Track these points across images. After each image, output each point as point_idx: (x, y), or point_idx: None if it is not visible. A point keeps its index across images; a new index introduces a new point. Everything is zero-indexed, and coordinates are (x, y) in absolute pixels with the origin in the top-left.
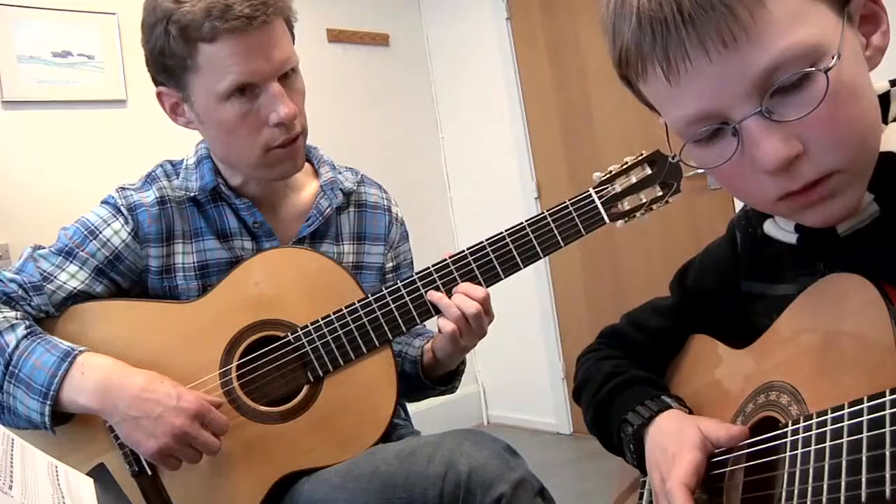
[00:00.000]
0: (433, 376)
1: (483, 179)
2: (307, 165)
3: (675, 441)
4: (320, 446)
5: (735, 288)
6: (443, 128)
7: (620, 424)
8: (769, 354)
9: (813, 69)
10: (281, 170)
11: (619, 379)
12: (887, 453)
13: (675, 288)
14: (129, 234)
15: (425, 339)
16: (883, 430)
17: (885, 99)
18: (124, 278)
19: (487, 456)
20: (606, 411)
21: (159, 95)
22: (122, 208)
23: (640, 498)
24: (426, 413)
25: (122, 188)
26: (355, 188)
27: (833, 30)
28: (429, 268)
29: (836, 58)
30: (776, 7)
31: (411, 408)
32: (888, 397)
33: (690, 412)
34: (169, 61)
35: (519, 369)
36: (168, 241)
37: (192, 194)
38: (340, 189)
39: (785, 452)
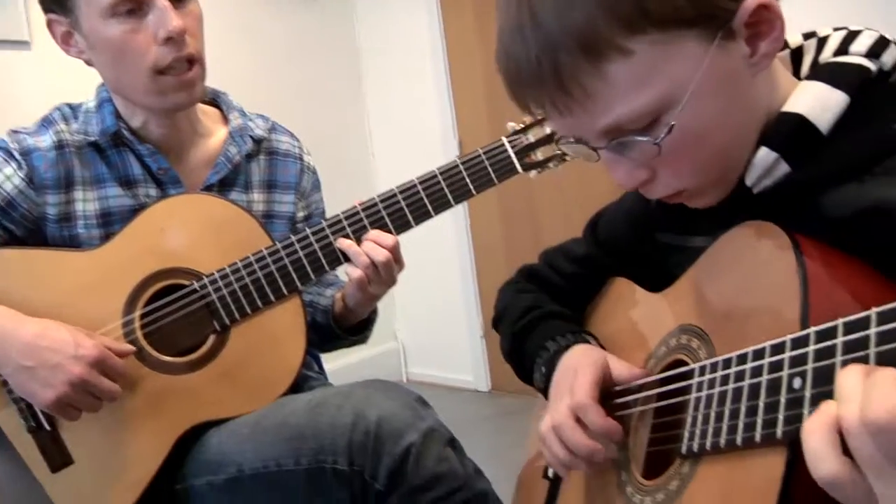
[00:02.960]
0: (345, 326)
1: (405, 135)
2: (215, 112)
3: (582, 361)
4: (228, 397)
5: (650, 239)
6: (365, 82)
7: (538, 350)
8: (683, 298)
9: (649, 139)
10: (173, 99)
11: (541, 311)
12: (782, 397)
13: (588, 238)
14: (23, 179)
15: (337, 288)
16: (780, 374)
17: (798, 54)
18: (18, 226)
19: (397, 406)
20: (525, 339)
21: (49, 24)
22: (15, 153)
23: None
24: (344, 370)
25: (15, 131)
26: (266, 135)
27: (693, 67)
28: (338, 215)
29: (681, 107)
30: (619, 73)
31: (329, 365)
32: (788, 340)
33: None
34: None
35: (438, 327)
36: (67, 188)
37: (93, 139)
38: (250, 136)
39: (691, 394)
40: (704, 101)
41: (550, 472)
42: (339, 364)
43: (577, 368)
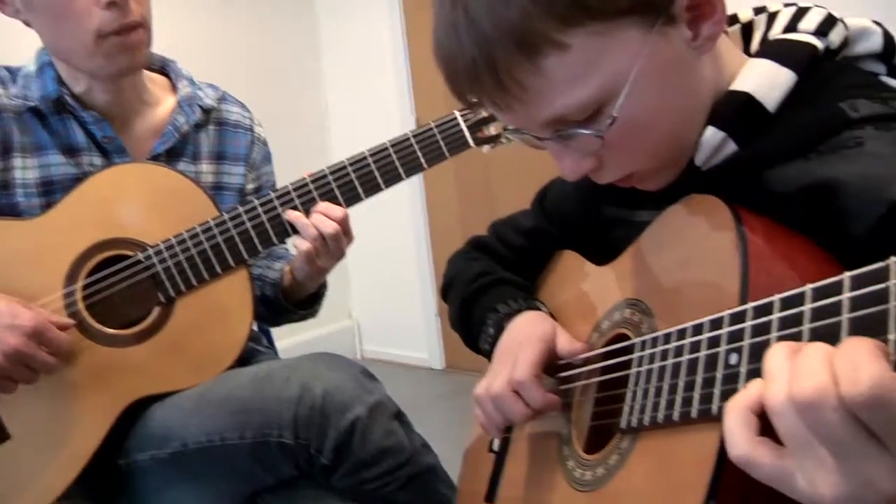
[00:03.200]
0: (294, 299)
1: (363, 113)
2: (164, 80)
3: (530, 333)
4: (173, 370)
5: (596, 212)
6: (324, 59)
7: (487, 313)
8: (627, 272)
9: (591, 132)
10: (118, 63)
11: (491, 277)
12: (719, 373)
13: (536, 210)
14: None
15: (286, 262)
16: (718, 350)
17: (749, 29)
18: None
19: (343, 379)
20: (475, 303)
21: None
22: None
23: (490, 445)
24: (298, 347)
25: None
26: (216, 105)
27: (633, 56)
28: (287, 186)
29: (623, 97)
30: (557, 68)
31: (282, 343)
32: (726, 315)
33: None
34: None
35: (393, 305)
36: (4, 155)
37: (33, 104)
38: (199, 105)
39: (632, 369)
40: (646, 90)
41: (496, 446)
42: (292, 341)
43: (524, 340)
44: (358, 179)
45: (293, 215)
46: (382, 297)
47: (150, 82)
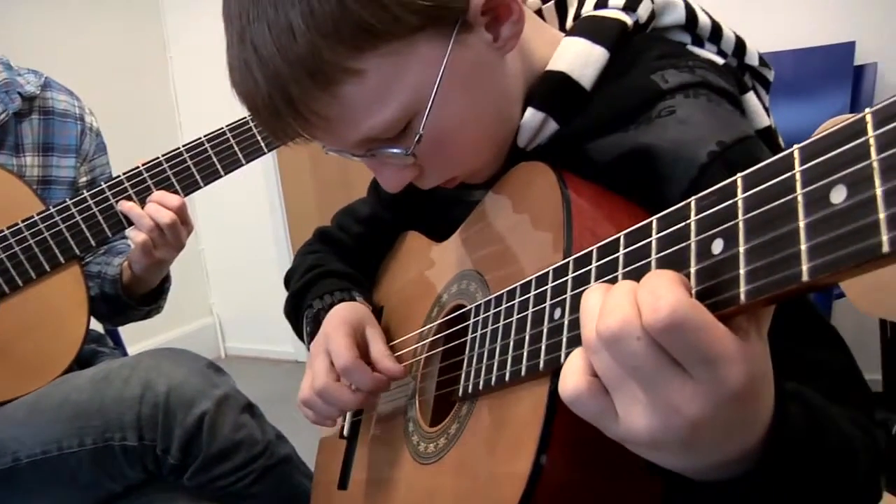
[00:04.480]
0: (136, 295)
1: (214, 102)
2: None
3: (336, 322)
4: (1, 379)
5: (431, 194)
6: (171, 47)
7: (305, 311)
8: (462, 245)
9: (401, 150)
10: None
11: (319, 270)
12: (545, 328)
13: (371, 196)
14: None
15: (125, 257)
16: (543, 305)
17: (563, 4)
18: None
19: (187, 374)
20: (301, 300)
21: None
22: None
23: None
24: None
25: None
26: (38, 92)
27: (433, 70)
28: (119, 176)
29: (427, 111)
30: (355, 94)
31: (141, 346)
32: (550, 271)
33: (381, 310)
34: None
35: (255, 300)
36: None
37: None
38: (19, 92)
39: (468, 336)
40: (451, 101)
41: (346, 431)
42: (150, 343)
43: (331, 330)
44: (195, 166)
45: (127, 206)
46: (243, 292)
47: None
